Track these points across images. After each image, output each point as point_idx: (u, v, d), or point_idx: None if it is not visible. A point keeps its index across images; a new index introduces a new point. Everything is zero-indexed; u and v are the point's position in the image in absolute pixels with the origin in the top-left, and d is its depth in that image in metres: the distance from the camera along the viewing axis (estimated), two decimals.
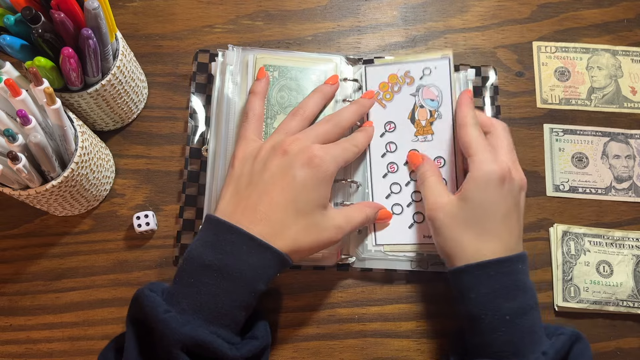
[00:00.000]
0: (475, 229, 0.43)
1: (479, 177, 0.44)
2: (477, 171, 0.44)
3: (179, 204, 0.52)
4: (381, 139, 0.53)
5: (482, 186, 0.44)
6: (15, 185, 0.43)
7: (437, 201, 0.46)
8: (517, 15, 0.61)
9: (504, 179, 0.44)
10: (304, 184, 0.43)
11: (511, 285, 0.42)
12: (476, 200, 0.44)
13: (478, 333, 0.42)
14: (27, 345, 0.49)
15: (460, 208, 0.44)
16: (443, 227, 0.45)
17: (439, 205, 0.45)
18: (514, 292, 0.41)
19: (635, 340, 0.51)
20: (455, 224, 0.44)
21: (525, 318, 0.41)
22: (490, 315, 0.41)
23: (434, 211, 0.46)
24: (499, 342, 0.41)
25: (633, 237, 0.53)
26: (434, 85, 0.53)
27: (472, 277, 0.42)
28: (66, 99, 0.46)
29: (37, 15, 0.40)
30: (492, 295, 0.41)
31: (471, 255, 0.43)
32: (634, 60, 0.59)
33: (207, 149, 0.52)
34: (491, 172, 0.44)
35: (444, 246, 0.45)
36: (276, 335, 0.50)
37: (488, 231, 0.43)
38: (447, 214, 0.45)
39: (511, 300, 0.41)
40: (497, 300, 0.41)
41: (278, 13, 0.59)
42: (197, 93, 0.55)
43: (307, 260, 0.51)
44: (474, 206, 0.44)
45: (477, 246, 0.43)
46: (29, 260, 0.51)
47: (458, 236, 0.44)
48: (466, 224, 0.44)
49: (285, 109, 0.51)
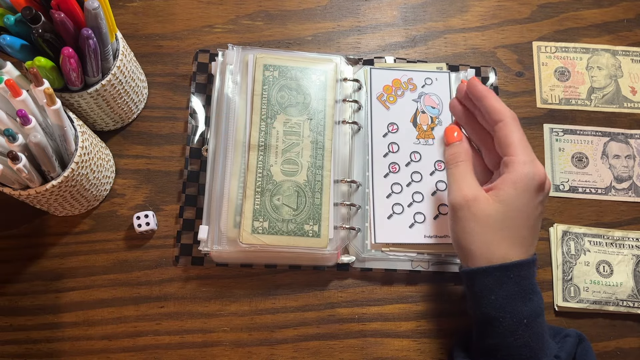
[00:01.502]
0: (509, 234, 0.42)
1: (519, 181, 0.41)
2: (516, 174, 0.41)
3: (179, 204, 0.52)
4: (384, 139, 0.53)
5: (521, 191, 0.41)
6: (15, 185, 0.43)
7: (467, 193, 0.43)
8: (517, 15, 0.61)
9: (543, 186, 0.42)
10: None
11: (527, 287, 0.41)
12: (513, 205, 0.41)
13: (494, 335, 0.41)
14: (27, 345, 0.49)
15: (495, 210, 0.42)
16: (471, 222, 0.42)
17: (469, 197, 0.42)
18: (530, 295, 0.41)
19: (635, 340, 0.51)
20: (488, 225, 0.42)
21: (538, 321, 0.41)
22: (509, 317, 0.40)
23: (463, 202, 0.42)
24: (515, 345, 0.40)
25: (633, 237, 0.53)
26: (435, 94, 0.54)
27: (494, 278, 0.41)
28: (66, 99, 0.46)
29: (37, 15, 0.40)
30: (511, 297, 0.41)
31: (496, 258, 0.41)
32: (634, 60, 0.59)
33: (207, 148, 0.52)
34: (532, 178, 0.41)
35: (465, 240, 0.43)
36: (276, 335, 0.50)
37: (520, 237, 0.42)
38: (480, 210, 0.42)
39: (527, 303, 0.41)
40: (516, 303, 0.41)
41: (278, 13, 0.59)
42: (197, 93, 0.55)
43: (307, 260, 0.51)
44: (511, 210, 0.41)
45: (506, 250, 0.42)
46: (29, 260, 0.51)
47: (487, 237, 0.42)
48: (500, 227, 0.42)
49: (286, 108, 0.51)
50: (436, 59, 0.58)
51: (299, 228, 0.49)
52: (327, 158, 0.51)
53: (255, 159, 0.50)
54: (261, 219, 0.49)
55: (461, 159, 0.45)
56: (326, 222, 0.49)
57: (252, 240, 0.48)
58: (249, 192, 0.49)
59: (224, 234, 0.48)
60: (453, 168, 0.45)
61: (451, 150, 0.46)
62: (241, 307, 0.50)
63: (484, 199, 0.42)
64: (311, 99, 0.52)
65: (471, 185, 0.43)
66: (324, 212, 0.49)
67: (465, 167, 0.45)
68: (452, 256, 0.51)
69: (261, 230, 0.48)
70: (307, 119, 0.51)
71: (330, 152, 0.51)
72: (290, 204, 0.49)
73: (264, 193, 0.49)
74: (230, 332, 0.49)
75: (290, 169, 0.50)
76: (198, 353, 0.49)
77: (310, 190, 0.50)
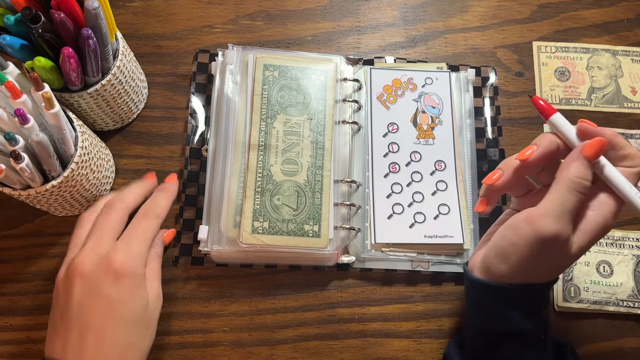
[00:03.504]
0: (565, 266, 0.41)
1: (605, 229, 0.38)
2: (606, 221, 0.38)
3: (179, 204, 0.52)
4: (384, 139, 0.53)
5: (599, 238, 0.39)
6: (16, 185, 0.43)
7: (559, 218, 0.37)
8: (517, 15, 0.61)
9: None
10: (121, 302, 0.40)
11: (549, 301, 0.43)
12: (587, 247, 0.39)
13: (530, 348, 0.41)
14: (27, 345, 0.49)
15: (577, 246, 0.38)
16: (553, 248, 0.38)
17: (559, 226, 0.37)
18: (549, 308, 0.43)
19: (635, 340, 0.51)
20: (567, 256, 0.38)
21: (550, 332, 0.42)
22: (546, 331, 0.41)
23: (552, 226, 0.36)
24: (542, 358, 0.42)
25: (633, 237, 0.53)
26: (435, 94, 0.54)
27: (548, 293, 0.42)
28: (66, 99, 0.46)
29: (37, 15, 0.40)
30: (547, 310, 0.42)
31: (549, 278, 0.41)
32: (634, 60, 0.59)
33: (207, 148, 0.52)
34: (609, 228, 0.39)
35: (527, 259, 0.38)
36: (276, 335, 0.50)
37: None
38: (565, 242, 0.37)
39: (549, 316, 0.42)
40: (549, 316, 0.42)
41: (278, 13, 0.59)
42: (197, 93, 0.55)
43: (307, 260, 0.51)
44: (582, 249, 0.38)
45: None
46: (29, 260, 0.51)
47: (560, 265, 0.40)
48: (571, 258, 0.39)
49: (286, 108, 0.51)
50: (436, 59, 0.58)
51: (299, 228, 0.49)
52: (327, 158, 0.51)
53: (255, 158, 0.50)
54: (261, 219, 0.49)
55: (575, 184, 0.38)
56: (326, 222, 0.49)
57: (252, 240, 0.48)
58: (249, 192, 0.49)
59: (224, 234, 0.48)
60: (563, 187, 0.38)
61: (568, 172, 0.38)
62: (241, 307, 0.50)
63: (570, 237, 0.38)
64: (311, 98, 0.52)
65: (565, 214, 0.37)
66: (324, 212, 0.49)
67: (573, 194, 0.38)
68: (452, 256, 0.51)
69: (261, 230, 0.48)
70: (307, 119, 0.51)
71: (330, 152, 0.51)
72: (290, 204, 0.49)
73: (264, 193, 0.49)
74: (230, 332, 0.49)
75: (290, 169, 0.50)
76: (198, 353, 0.49)
77: (310, 190, 0.50)
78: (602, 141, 0.38)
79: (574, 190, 0.37)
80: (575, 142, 0.40)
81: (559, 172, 0.38)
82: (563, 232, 0.37)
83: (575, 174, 0.37)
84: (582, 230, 0.38)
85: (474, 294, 0.43)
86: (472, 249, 0.51)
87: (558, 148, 0.40)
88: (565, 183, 0.37)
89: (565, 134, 0.40)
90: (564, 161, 0.39)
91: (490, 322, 0.42)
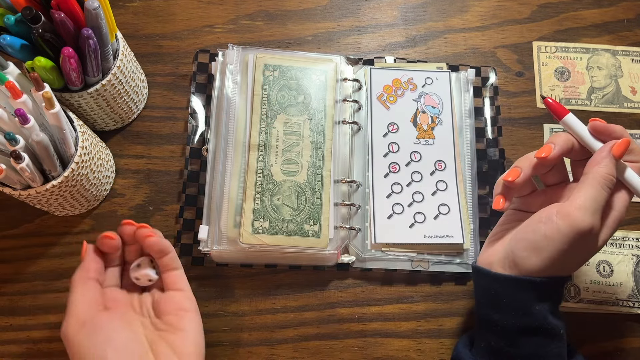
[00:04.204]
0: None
1: (620, 223, 0.41)
2: (621, 215, 0.41)
3: (179, 204, 0.52)
4: (384, 139, 0.53)
5: (615, 231, 0.42)
6: (17, 185, 0.43)
7: (594, 212, 0.39)
8: (517, 15, 0.61)
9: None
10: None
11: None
12: (607, 241, 0.41)
13: (553, 345, 0.41)
14: (27, 345, 0.49)
15: (602, 239, 0.40)
16: (585, 242, 0.39)
17: (594, 220, 0.38)
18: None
19: (635, 340, 0.51)
20: (593, 250, 0.41)
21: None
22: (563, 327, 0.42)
23: (589, 220, 0.38)
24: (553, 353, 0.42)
25: (633, 237, 0.53)
26: (435, 93, 0.54)
27: (562, 289, 0.43)
28: (66, 98, 0.46)
29: (38, 15, 0.40)
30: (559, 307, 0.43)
31: (573, 270, 0.43)
32: (634, 60, 0.59)
33: (207, 148, 0.52)
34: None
35: (562, 252, 0.39)
36: (276, 335, 0.50)
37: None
38: (596, 236, 0.39)
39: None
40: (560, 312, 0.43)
41: (278, 13, 0.59)
42: (197, 93, 0.55)
43: (307, 260, 0.51)
44: (604, 242, 0.41)
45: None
46: (29, 260, 0.51)
47: (585, 258, 0.42)
48: (595, 251, 0.41)
49: (286, 108, 0.51)
50: (436, 59, 0.58)
51: (299, 228, 0.49)
52: (327, 158, 0.51)
53: (255, 158, 0.50)
54: (261, 218, 0.49)
55: (602, 178, 0.40)
56: (326, 222, 0.49)
57: (252, 240, 0.48)
58: (249, 192, 0.49)
59: (224, 234, 0.48)
60: (590, 185, 0.40)
61: (596, 169, 0.40)
62: (241, 307, 0.50)
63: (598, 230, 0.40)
64: (311, 98, 0.52)
65: (598, 208, 0.39)
66: (324, 212, 0.49)
67: (600, 189, 0.40)
68: (452, 256, 0.51)
69: (261, 230, 0.48)
70: (307, 119, 0.52)
71: (330, 152, 0.51)
72: (290, 204, 0.49)
73: (264, 193, 0.49)
74: (230, 332, 0.49)
75: (291, 168, 0.50)
76: None
77: (310, 190, 0.50)
78: (628, 142, 0.40)
79: (605, 186, 0.39)
80: (589, 141, 0.42)
81: (589, 169, 0.40)
82: (597, 225, 0.39)
83: (607, 171, 0.40)
84: (605, 224, 0.40)
85: (490, 290, 0.43)
86: (472, 248, 0.51)
87: (573, 146, 0.42)
88: (597, 179, 0.39)
89: (579, 133, 0.42)
90: (592, 159, 0.41)
91: (512, 317, 0.41)
